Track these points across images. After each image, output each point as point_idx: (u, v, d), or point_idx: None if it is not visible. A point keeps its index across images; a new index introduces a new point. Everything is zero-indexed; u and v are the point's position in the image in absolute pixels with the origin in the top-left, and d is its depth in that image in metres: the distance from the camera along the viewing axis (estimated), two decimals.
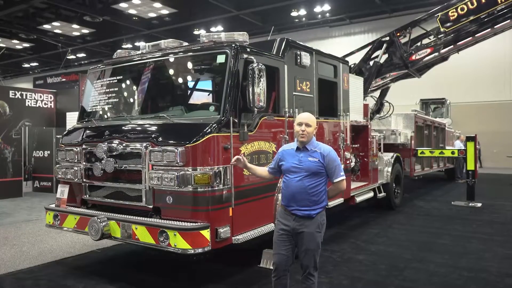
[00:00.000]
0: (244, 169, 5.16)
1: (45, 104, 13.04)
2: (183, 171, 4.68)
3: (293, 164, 3.96)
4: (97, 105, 6.24)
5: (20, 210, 10.52)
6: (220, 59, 5.15)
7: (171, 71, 5.77)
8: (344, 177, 4.00)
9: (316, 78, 6.83)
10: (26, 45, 29.83)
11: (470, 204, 10.67)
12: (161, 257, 6.31)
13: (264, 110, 5.76)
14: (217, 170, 4.77)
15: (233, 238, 4.97)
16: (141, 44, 6.30)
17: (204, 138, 4.73)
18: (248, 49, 5.31)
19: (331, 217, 8.42)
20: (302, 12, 23.50)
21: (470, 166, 10.77)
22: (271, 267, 5.74)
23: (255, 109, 5.03)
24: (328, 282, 5.40)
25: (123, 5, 22.29)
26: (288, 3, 21.85)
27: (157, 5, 22.35)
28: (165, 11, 23.45)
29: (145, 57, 5.87)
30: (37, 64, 35.62)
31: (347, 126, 7.78)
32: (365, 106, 9.10)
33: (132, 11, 23.29)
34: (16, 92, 12.51)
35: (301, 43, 6.60)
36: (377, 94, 11.26)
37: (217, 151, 4.83)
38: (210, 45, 5.38)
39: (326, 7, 22.78)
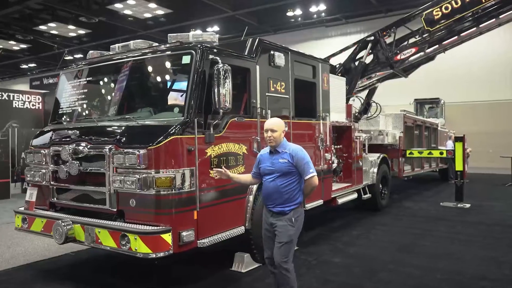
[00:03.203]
0: (211, 172, 5.15)
1: (32, 105, 13.01)
2: (145, 173, 4.61)
3: (267, 166, 4.26)
4: (67, 107, 6.19)
5: (4, 212, 10.46)
6: (185, 59, 5.08)
7: (139, 72, 5.70)
8: (314, 174, 4.16)
9: (292, 79, 6.75)
10: (23, 46, 29.83)
11: (458, 205, 10.56)
12: (136, 260, 6.22)
13: (235, 111, 5.72)
14: (180, 173, 4.69)
15: (198, 241, 4.89)
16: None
17: (166, 140, 4.65)
18: (215, 50, 5.24)
19: (313, 218, 8.42)
20: (298, 12, 23.35)
21: (459, 166, 10.65)
22: (243, 271, 5.75)
23: (221, 110, 4.97)
24: (299, 286, 5.28)
25: (118, 5, 22.23)
26: (284, 3, 21.69)
27: (152, 5, 22.25)
28: (160, 12, 23.35)
29: (113, 59, 5.81)
30: (35, 65, 35.63)
31: (327, 127, 7.68)
32: (348, 107, 9.00)
33: (127, 12, 23.22)
34: (3, 93, 12.48)
35: (275, 43, 6.52)
36: (364, 94, 11.16)
37: (181, 153, 4.75)
38: (177, 45, 5.32)
39: (322, 6, 22.64)
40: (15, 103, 12.65)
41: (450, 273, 5.68)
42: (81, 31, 26.60)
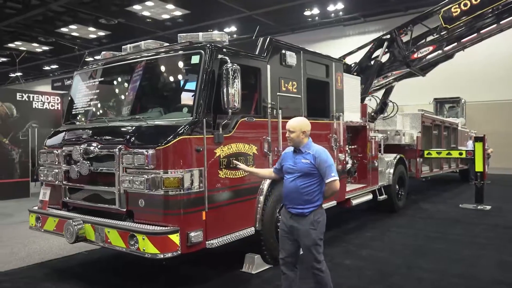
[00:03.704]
0: (220, 172, 5.12)
1: (52, 106, 13.22)
2: (153, 174, 4.61)
3: (289, 165, 4.24)
4: (80, 107, 6.27)
5: (23, 210, 10.55)
6: (195, 59, 5.07)
7: (150, 72, 5.70)
8: (335, 178, 4.09)
9: (304, 78, 6.67)
10: (46, 48, 30.42)
11: (478, 207, 10.29)
12: (145, 260, 6.24)
13: (246, 111, 5.68)
14: (188, 173, 4.68)
15: (206, 242, 4.86)
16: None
17: (175, 140, 4.64)
18: (225, 50, 5.21)
19: (327, 220, 8.26)
20: (315, 11, 23.17)
21: (478, 167, 10.38)
22: (253, 272, 5.70)
23: (229, 110, 4.93)
24: None
25: (136, 7, 22.45)
26: (301, 2, 21.54)
27: (170, 6, 22.42)
28: (178, 13, 23.51)
29: (124, 59, 5.84)
30: (57, 66, 36.31)
31: (340, 126, 7.57)
32: (363, 106, 8.85)
33: (145, 13, 23.42)
34: (23, 94, 12.71)
35: (286, 42, 6.46)
36: (379, 93, 10.98)
37: (189, 154, 4.74)
38: (186, 45, 5.31)
39: (340, 5, 22.36)
40: (35, 104, 12.87)
41: (465, 278, 5.52)
42: (101, 33, 26.98)
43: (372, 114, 10.11)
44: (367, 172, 8.68)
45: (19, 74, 33.07)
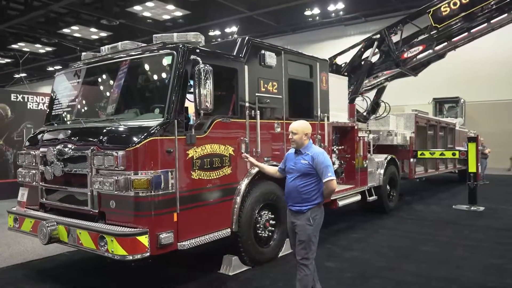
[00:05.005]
0: (193, 173, 5.09)
1: (46, 106, 13.28)
2: (123, 175, 4.59)
3: (290, 166, 4.49)
4: (59, 109, 6.27)
5: None
6: (167, 60, 5.05)
7: (125, 73, 5.64)
8: (332, 178, 4.26)
9: (285, 78, 6.61)
10: (49, 49, 30.65)
11: (472, 208, 10.16)
12: (123, 262, 6.24)
13: (224, 111, 5.66)
14: (158, 174, 4.65)
15: (178, 244, 4.84)
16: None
17: (145, 141, 4.63)
18: (198, 50, 5.17)
19: None
20: (316, 11, 23.10)
21: (471, 168, 10.25)
22: (230, 274, 5.69)
23: (201, 111, 4.90)
24: None
25: (137, 8, 22.56)
26: (301, 2, 21.46)
27: (170, 7, 22.48)
28: (178, 13, 23.56)
29: (101, 60, 5.84)
30: (61, 67, 36.50)
31: (325, 127, 7.50)
32: (351, 106, 8.75)
33: (146, 14, 23.51)
34: (18, 95, 12.76)
35: (265, 42, 6.42)
36: (371, 94, 10.90)
37: (159, 155, 4.71)
38: (160, 46, 5.29)
39: (340, 5, 22.27)
40: (30, 104, 12.92)
41: (447, 281, 5.43)
42: (103, 34, 27.12)
43: (365, 114, 10.04)
44: (355, 173, 8.59)
45: (23, 75, 33.30)
